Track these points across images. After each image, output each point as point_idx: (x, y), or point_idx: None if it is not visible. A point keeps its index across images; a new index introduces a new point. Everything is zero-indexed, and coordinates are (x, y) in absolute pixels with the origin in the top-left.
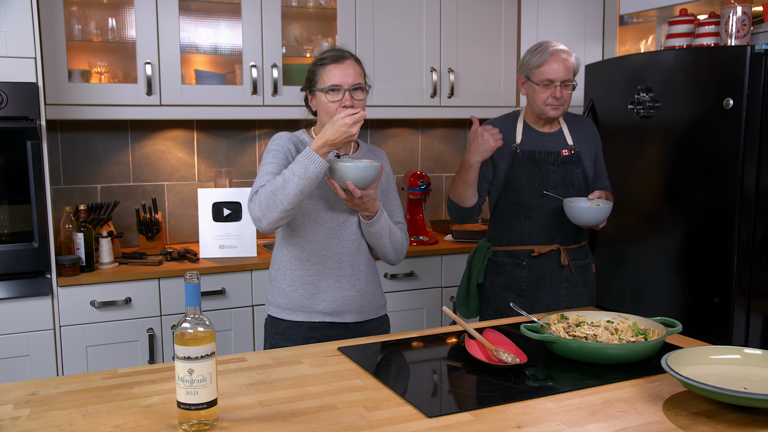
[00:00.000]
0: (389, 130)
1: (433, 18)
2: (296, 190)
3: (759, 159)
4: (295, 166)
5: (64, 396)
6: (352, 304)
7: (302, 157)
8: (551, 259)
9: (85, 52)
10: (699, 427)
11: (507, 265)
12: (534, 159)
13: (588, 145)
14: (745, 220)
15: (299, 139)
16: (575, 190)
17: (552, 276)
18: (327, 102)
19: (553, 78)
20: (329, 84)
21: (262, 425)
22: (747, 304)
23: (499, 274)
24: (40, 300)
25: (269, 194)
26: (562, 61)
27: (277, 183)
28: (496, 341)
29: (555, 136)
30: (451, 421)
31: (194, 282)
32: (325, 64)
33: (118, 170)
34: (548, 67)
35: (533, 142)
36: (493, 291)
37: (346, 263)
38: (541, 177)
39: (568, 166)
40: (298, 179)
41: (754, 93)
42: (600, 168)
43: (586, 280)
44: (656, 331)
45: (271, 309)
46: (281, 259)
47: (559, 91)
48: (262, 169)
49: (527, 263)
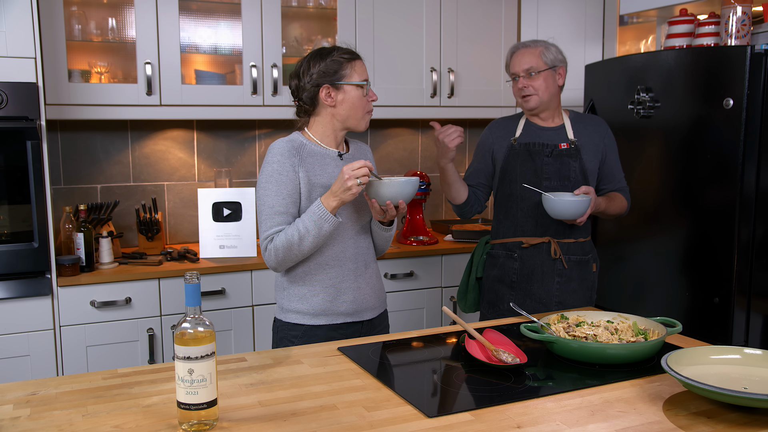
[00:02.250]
0: (389, 130)
1: (433, 18)
2: (312, 246)
3: (759, 159)
4: (310, 225)
5: (64, 396)
6: (369, 302)
7: (317, 216)
8: (542, 252)
9: (85, 52)
10: (699, 427)
11: (501, 257)
12: (529, 151)
13: (594, 142)
14: (745, 220)
15: (300, 143)
16: (571, 183)
17: (544, 269)
18: (360, 96)
19: (515, 71)
20: (362, 78)
21: (262, 425)
22: (747, 304)
23: (494, 267)
24: (40, 300)
25: (285, 249)
26: (522, 54)
27: (293, 239)
28: (496, 341)
29: (555, 131)
30: (451, 421)
31: (194, 282)
32: (350, 59)
33: (118, 170)
34: (511, 62)
35: (532, 135)
36: (488, 283)
37: (362, 262)
38: (534, 168)
39: (564, 158)
40: (313, 238)
41: (754, 93)
42: (611, 169)
43: (583, 277)
44: (656, 331)
45: (287, 315)
46: (298, 266)
47: (522, 81)
48: (266, 201)
49: (518, 255)
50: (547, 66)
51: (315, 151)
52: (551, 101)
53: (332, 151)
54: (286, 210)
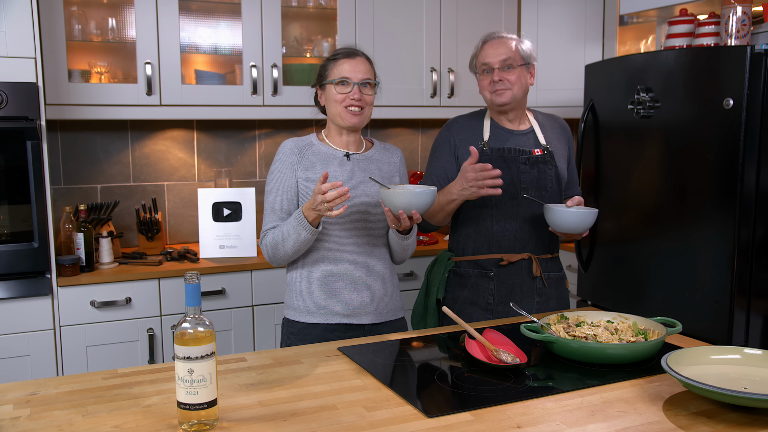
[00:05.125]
0: (389, 130)
1: (433, 18)
2: (293, 249)
3: (759, 159)
4: (291, 229)
5: (64, 396)
6: (368, 306)
7: (296, 222)
8: (522, 270)
9: (85, 52)
10: (699, 427)
11: (472, 276)
12: (504, 158)
13: (561, 146)
14: (745, 220)
15: (307, 143)
16: (548, 193)
17: (523, 288)
18: (335, 93)
19: (488, 62)
20: (339, 76)
21: (262, 425)
22: (747, 304)
23: (463, 287)
24: (40, 300)
25: (272, 246)
26: (498, 44)
27: (277, 238)
28: (496, 341)
29: (525, 135)
30: (451, 421)
31: (194, 282)
32: (337, 59)
33: (118, 170)
34: (483, 52)
35: (502, 139)
36: (456, 306)
37: (362, 264)
38: (511, 178)
39: (540, 166)
40: (293, 242)
41: (754, 93)
42: (572, 174)
43: (560, 295)
44: (656, 331)
45: (288, 312)
46: (297, 262)
47: (497, 73)
48: (266, 197)
49: (495, 274)
50: (523, 61)
51: (320, 151)
52: (522, 100)
53: (339, 152)
54: (281, 207)
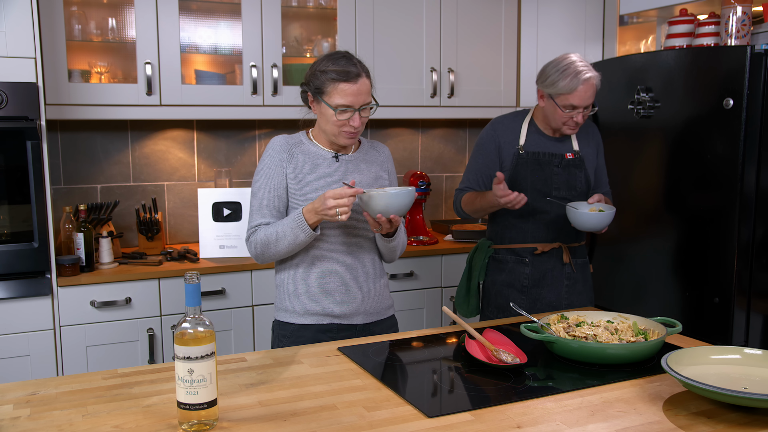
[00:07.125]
0: (389, 130)
1: (433, 18)
2: (287, 249)
3: (759, 159)
4: (287, 230)
5: (64, 396)
6: (359, 306)
7: (294, 223)
8: (553, 257)
9: (85, 52)
10: (699, 427)
11: (509, 262)
12: (538, 160)
13: (591, 150)
14: (745, 220)
15: (297, 141)
16: (577, 193)
17: (554, 273)
18: (335, 118)
19: (578, 104)
20: (342, 104)
21: (262, 425)
22: (747, 304)
23: (501, 272)
24: (40, 300)
25: (263, 244)
26: (590, 88)
27: (270, 236)
28: (496, 341)
29: (560, 140)
30: (451, 421)
31: (194, 282)
32: (336, 81)
33: (118, 170)
34: (576, 95)
35: (538, 143)
36: (494, 288)
37: (351, 265)
38: (544, 179)
39: (571, 169)
40: (288, 243)
41: (754, 93)
42: (600, 173)
43: (585, 278)
44: (656, 331)
45: (279, 314)
46: (285, 263)
47: (581, 116)
48: (254, 193)
49: (530, 260)
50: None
51: (309, 151)
52: None
53: (328, 152)
54: (270, 203)
